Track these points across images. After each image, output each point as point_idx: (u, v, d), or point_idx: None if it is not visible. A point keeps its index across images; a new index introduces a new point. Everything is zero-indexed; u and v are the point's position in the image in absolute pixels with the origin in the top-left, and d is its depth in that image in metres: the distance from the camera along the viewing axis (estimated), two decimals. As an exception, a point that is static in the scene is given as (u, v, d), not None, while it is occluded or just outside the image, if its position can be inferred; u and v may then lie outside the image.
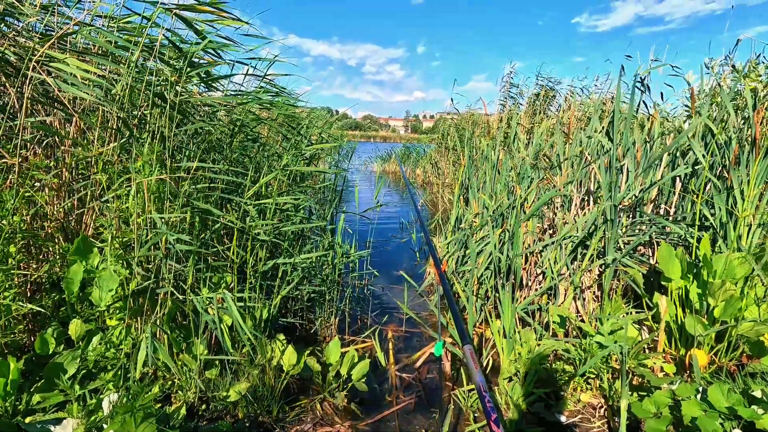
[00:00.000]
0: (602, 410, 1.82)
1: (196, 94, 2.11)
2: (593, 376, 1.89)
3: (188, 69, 1.69)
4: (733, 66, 2.66)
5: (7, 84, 1.63)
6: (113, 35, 1.70)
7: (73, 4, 1.81)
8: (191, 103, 1.91)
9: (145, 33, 1.68)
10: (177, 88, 1.62)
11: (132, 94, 1.63)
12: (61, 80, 1.58)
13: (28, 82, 1.51)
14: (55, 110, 1.86)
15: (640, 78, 2.39)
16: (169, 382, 1.70)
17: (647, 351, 2.00)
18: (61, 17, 1.84)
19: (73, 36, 1.75)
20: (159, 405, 1.59)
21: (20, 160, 1.59)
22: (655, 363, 1.84)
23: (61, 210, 1.84)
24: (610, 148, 2.18)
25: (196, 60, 1.85)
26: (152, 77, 1.64)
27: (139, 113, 1.69)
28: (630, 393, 1.70)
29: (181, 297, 1.70)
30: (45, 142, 1.88)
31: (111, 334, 1.63)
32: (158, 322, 1.67)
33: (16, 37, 1.72)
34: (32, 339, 1.69)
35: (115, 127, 1.74)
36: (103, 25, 1.92)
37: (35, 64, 1.47)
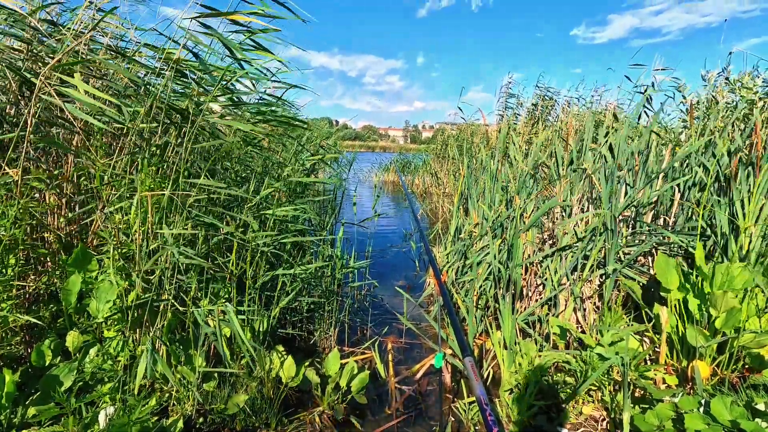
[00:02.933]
0: (604, 423, 1.80)
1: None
2: (595, 388, 1.88)
3: (213, 89, 1.70)
4: (727, 78, 2.70)
5: (21, 98, 1.64)
6: (132, 61, 1.71)
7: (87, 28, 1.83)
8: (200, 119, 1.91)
9: (176, 56, 1.67)
10: (201, 108, 1.62)
11: (149, 112, 1.63)
12: (72, 104, 1.59)
13: (35, 99, 1.52)
14: (58, 127, 1.86)
15: (644, 89, 2.41)
16: (167, 395, 1.68)
17: (649, 362, 1.98)
18: (71, 32, 1.86)
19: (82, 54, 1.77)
20: (156, 418, 1.57)
21: (21, 171, 1.59)
22: (656, 375, 1.83)
23: (62, 221, 1.84)
24: (610, 164, 2.19)
25: (212, 76, 1.84)
26: (167, 95, 1.64)
27: (158, 131, 1.68)
28: (632, 405, 1.68)
29: (181, 309, 1.69)
30: (48, 154, 1.89)
31: (108, 346, 1.61)
32: (158, 334, 1.66)
33: (27, 57, 1.74)
34: (29, 351, 1.67)
35: (128, 144, 1.74)
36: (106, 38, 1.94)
37: (46, 84, 1.48)
